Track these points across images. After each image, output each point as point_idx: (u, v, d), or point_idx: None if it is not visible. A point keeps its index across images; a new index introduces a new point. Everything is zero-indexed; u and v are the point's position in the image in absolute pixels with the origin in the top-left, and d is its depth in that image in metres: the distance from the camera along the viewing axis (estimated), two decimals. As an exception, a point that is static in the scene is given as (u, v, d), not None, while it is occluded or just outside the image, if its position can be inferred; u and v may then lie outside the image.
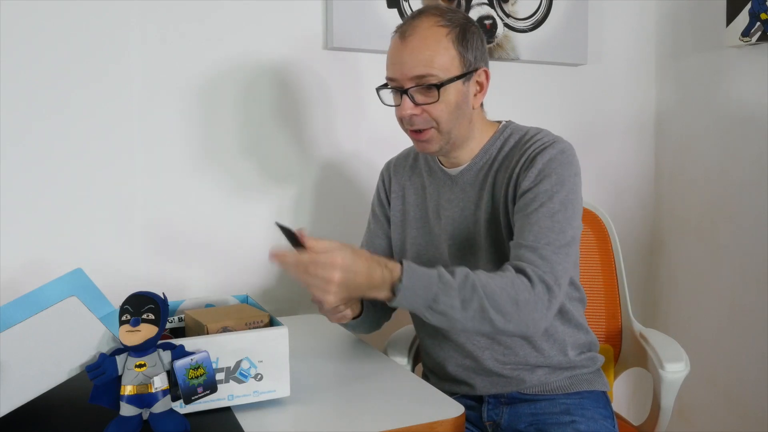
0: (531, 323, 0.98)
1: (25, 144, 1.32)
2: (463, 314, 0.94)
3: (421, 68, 1.04)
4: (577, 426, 1.09)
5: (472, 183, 1.14)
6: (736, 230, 1.73)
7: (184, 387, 0.80)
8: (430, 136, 1.09)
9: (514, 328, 0.97)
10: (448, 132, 1.09)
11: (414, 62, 1.04)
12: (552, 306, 0.99)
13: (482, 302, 0.94)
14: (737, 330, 1.74)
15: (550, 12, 1.75)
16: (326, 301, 0.91)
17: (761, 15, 1.57)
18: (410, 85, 1.06)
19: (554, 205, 1.02)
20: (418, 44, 1.04)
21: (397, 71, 1.06)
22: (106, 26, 1.36)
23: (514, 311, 0.96)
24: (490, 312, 0.95)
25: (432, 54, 1.04)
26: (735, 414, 1.76)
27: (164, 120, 1.42)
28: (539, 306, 0.97)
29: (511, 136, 1.14)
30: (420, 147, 1.12)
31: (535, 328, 0.99)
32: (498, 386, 1.15)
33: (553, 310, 1.00)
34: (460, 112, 1.08)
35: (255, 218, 1.52)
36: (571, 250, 1.04)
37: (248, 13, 1.47)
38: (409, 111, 1.06)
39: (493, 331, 0.97)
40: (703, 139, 1.82)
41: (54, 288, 1.03)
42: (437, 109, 1.06)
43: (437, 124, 1.08)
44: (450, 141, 1.11)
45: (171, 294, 1.37)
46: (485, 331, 0.98)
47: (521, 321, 0.97)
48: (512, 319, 0.96)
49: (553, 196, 1.03)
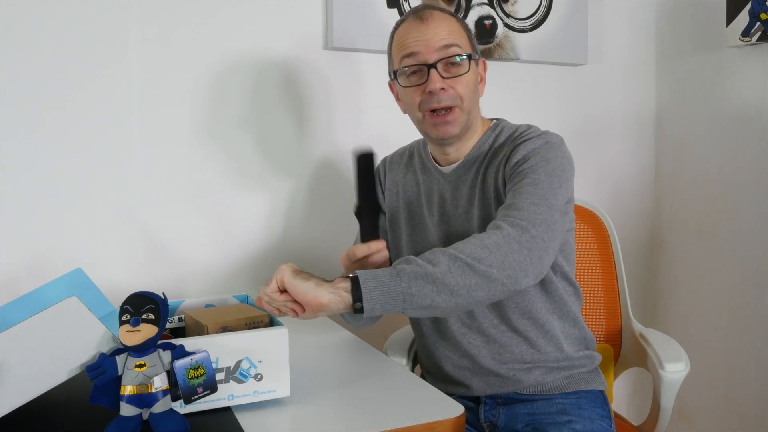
0: (515, 266, 0.92)
1: (25, 144, 1.32)
2: (437, 269, 0.90)
3: (448, 39, 1.07)
4: (573, 426, 1.09)
5: (465, 180, 1.15)
6: (736, 230, 1.73)
7: (184, 387, 0.80)
8: (454, 117, 1.09)
9: (498, 272, 0.91)
10: (468, 111, 1.11)
11: (439, 35, 1.07)
12: (532, 247, 0.94)
13: (450, 254, 0.91)
14: (737, 330, 1.74)
15: (550, 12, 1.75)
16: (301, 315, 0.94)
17: (761, 15, 1.57)
18: (436, 58, 1.07)
19: (538, 176, 1.02)
20: (440, 22, 1.09)
21: (420, 45, 1.07)
22: (106, 26, 1.36)
23: (487, 254, 0.91)
24: (463, 259, 0.90)
25: (453, 30, 1.09)
26: (735, 414, 1.76)
27: (164, 120, 1.42)
28: (513, 246, 0.93)
29: (501, 132, 1.15)
30: (443, 130, 1.11)
31: (522, 272, 0.92)
32: (495, 387, 1.15)
33: (535, 252, 0.94)
34: (475, 94, 1.13)
35: (255, 218, 1.52)
36: (555, 213, 0.99)
37: (248, 13, 1.47)
38: (438, 84, 1.07)
39: (482, 282, 0.90)
40: (703, 139, 1.82)
41: (54, 288, 1.03)
42: (462, 83, 1.08)
43: (462, 101, 1.09)
44: (467, 123, 1.12)
45: (171, 294, 1.38)
46: (474, 286, 0.90)
47: (502, 265, 0.91)
48: (492, 263, 0.91)
49: (537, 170, 1.03)
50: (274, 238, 1.54)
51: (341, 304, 0.91)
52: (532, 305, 1.12)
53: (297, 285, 0.92)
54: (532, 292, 1.12)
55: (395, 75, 1.13)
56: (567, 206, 1.04)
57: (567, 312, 1.16)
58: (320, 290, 0.91)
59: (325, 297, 0.90)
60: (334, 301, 0.90)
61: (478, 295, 0.92)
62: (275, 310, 0.95)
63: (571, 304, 1.17)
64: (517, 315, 1.12)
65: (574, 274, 1.19)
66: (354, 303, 0.90)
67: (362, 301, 0.89)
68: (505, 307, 1.12)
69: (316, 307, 0.91)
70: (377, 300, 0.89)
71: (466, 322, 1.15)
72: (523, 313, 1.12)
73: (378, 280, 0.90)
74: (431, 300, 0.90)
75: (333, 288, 0.91)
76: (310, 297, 0.91)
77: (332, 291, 0.91)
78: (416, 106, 1.10)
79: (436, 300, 0.90)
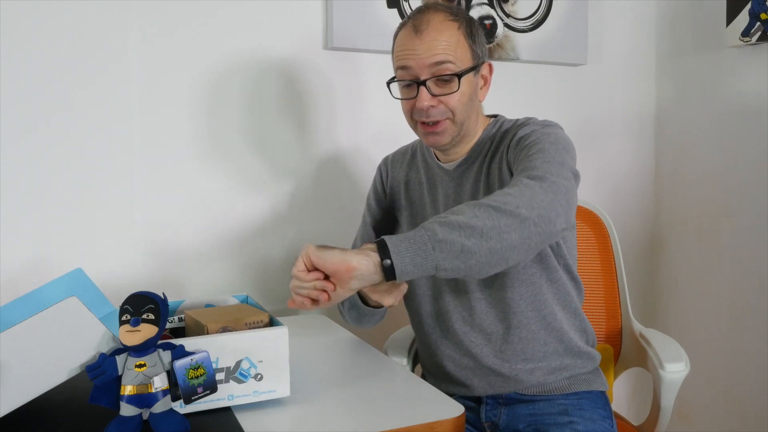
0: (544, 206, 0.89)
1: (25, 144, 1.32)
2: (462, 216, 0.87)
3: (441, 55, 1.05)
4: (575, 426, 1.09)
5: (468, 176, 1.15)
6: (736, 230, 1.73)
7: (184, 387, 0.80)
8: (444, 127, 1.09)
9: (527, 212, 0.87)
10: (461, 123, 1.10)
11: (432, 50, 1.05)
12: (557, 191, 0.91)
13: (473, 203, 0.89)
14: (737, 330, 1.74)
15: (550, 12, 1.75)
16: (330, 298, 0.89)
17: (761, 15, 1.57)
18: (427, 75, 1.06)
19: (543, 146, 1.01)
20: (434, 35, 1.05)
21: (412, 60, 1.06)
22: (106, 26, 1.36)
23: (512, 198, 0.88)
24: (488, 203, 0.88)
25: (448, 44, 1.06)
26: (735, 414, 1.76)
27: (164, 120, 1.42)
28: (536, 190, 0.90)
29: (501, 126, 1.16)
30: (432, 140, 1.12)
31: (553, 212, 0.89)
32: (496, 387, 1.15)
33: (561, 195, 0.92)
34: (472, 104, 1.11)
35: (255, 218, 1.52)
36: (567, 171, 0.97)
37: (248, 13, 1.47)
38: (427, 102, 1.07)
39: (513, 222, 0.86)
40: (703, 139, 1.82)
41: (54, 288, 1.03)
42: (454, 99, 1.07)
43: (453, 114, 1.08)
44: (460, 133, 1.12)
45: (171, 294, 1.38)
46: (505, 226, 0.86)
47: (530, 204, 0.88)
48: (519, 204, 0.87)
49: (541, 141, 1.02)
50: (275, 237, 1.54)
51: (371, 265, 0.86)
52: (538, 295, 1.12)
53: (324, 254, 0.88)
54: (538, 281, 1.12)
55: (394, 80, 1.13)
56: (576, 173, 1.02)
57: (569, 303, 1.16)
58: (348, 255, 0.87)
59: (354, 260, 0.86)
60: (364, 263, 0.86)
61: (512, 238, 0.87)
62: (306, 300, 0.91)
63: (573, 296, 1.17)
64: (521, 307, 1.12)
65: (576, 269, 1.19)
66: (382, 260, 0.86)
67: (390, 257, 0.86)
68: (510, 300, 1.12)
69: (346, 273, 0.87)
70: (406, 252, 0.85)
71: (467, 320, 1.15)
72: (528, 304, 1.12)
73: (404, 236, 0.87)
74: (461, 245, 0.85)
75: (360, 251, 0.88)
76: (338, 262, 0.87)
77: (359, 253, 0.88)
78: (409, 115, 1.12)
79: (467, 244, 0.85)
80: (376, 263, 0.87)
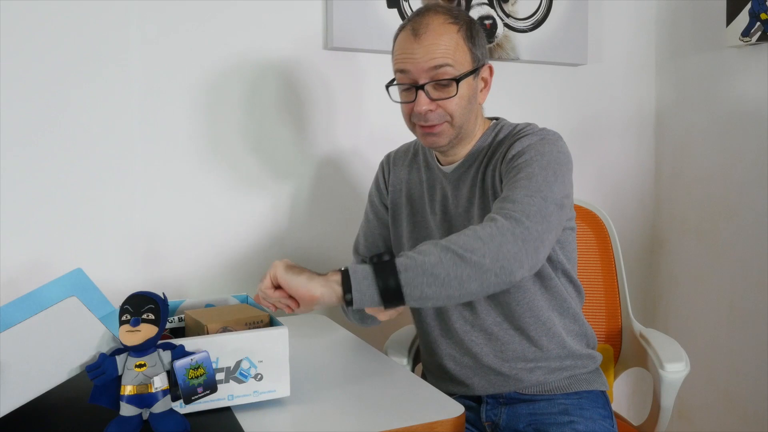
0: (509, 257, 0.90)
1: (25, 144, 1.32)
2: (428, 260, 0.89)
3: (440, 59, 1.04)
4: (575, 426, 1.09)
5: (465, 179, 1.15)
6: (736, 230, 1.73)
7: (184, 387, 0.80)
8: (441, 129, 1.09)
9: (491, 263, 0.89)
10: (459, 126, 1.10)
11: (431, 54, 1.05)
12: (527, 238, 0.92)
13: (442, 245, 0.90)
14: (737, 330, 1.74)
15: (550, 12, 1.75)
16: (294, 311, 0.95)
17: (761, 15, 1.57)
18: (425, 80, 1.06)
19: (533, 170, 1.01)
20: (433, 39, 1.05)
21: (410, 64, 1.06)
22: (106, 26, 1.36)
23: (480, 245, 0.90)
24: (455, 250, 0.90)
25: (447, 48, 1.05)
26: (735, 414, 1.76)
27: (164, 120, 1.42)
28: (507, 238, 0.91)
29: (500, 131, 1.15)
30: (429, 141, 1.12)
31: (516, 263, 0.91)
32: (496, 386, 1.16)
33: (530, 244, 0.92)
34: (471, 107, 1.10)
35: (255, 218, 1.52)
36: (549, 205, 0.97)
37: (248, 13, 1.47)
38: (425, 107, 1.07)
39: (474, 273, 0.89)
40: (703, 139, 1.82)
41: (54, 288, 1.03)
42: (453, 103, 1.07)
43: (451, 118, 1.08)
44: (459, 135, 1.12)
45: (171, 294, 1.38)
46: (466, 277, 0.89)
47: (495, 255, 0.90)
48: (485, 254, 0.89)
49: (532, 164, 1.02)
50: (275, 237, 1.54)
51: (333, 296, 0.91)
52: (533, 302, 1.12)
53: (290, 280, 0.92)
54: (532, 288, 1.12)
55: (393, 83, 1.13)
56: (564, 200, 1.02)
57: (567, 308, 1.16)
58: (312, 284, 0.91)
59: (318, 290, 0.91)
60: (327, 294, 0.91)
61: (471, 287, 0.90)
62: (271, 306, 0.96)
63: (570, 301, 1.17)
64: (519, 312, 1.12)
65: (576, 273, 1.19)
66: (345, 295, 0.90)
67: (352, 293, 0.90)
68: (508, 304, 1.12)
69: (309, 301, 0.92)
70: (366, 291, 0.90)
71: (468, 319, 1.15)
72: (525, 309, 1.12)
73: (367, 272, 0.90)
74: (421, 291, 0.89)
75: (325, 281, 0.92)
76: (303, 291, 0.91)
77: (324, 284, 0.91)
78: (408, 118, 1.12)
79: (427, 291, 0.89)
80: (339, 296, 0.91)
